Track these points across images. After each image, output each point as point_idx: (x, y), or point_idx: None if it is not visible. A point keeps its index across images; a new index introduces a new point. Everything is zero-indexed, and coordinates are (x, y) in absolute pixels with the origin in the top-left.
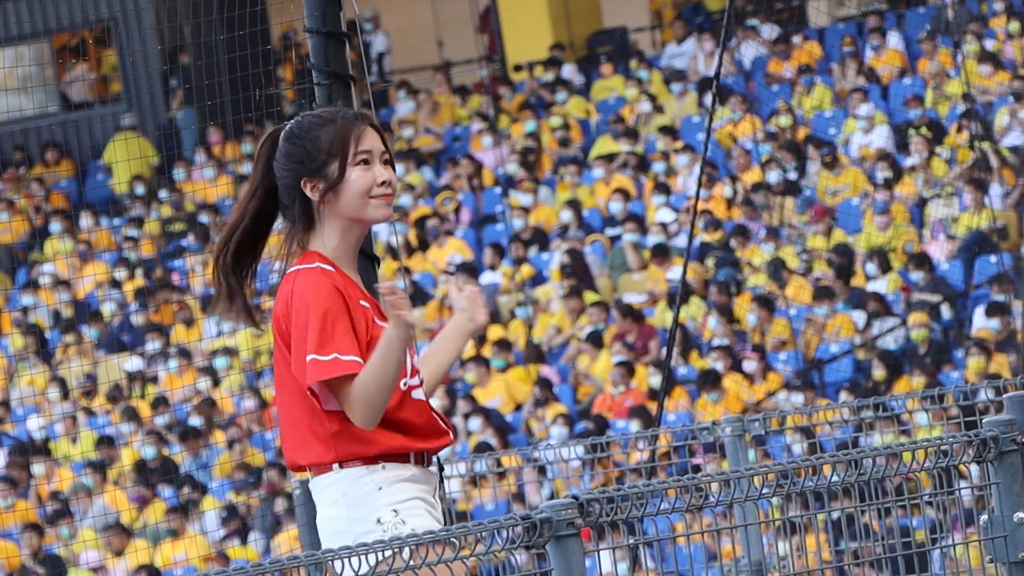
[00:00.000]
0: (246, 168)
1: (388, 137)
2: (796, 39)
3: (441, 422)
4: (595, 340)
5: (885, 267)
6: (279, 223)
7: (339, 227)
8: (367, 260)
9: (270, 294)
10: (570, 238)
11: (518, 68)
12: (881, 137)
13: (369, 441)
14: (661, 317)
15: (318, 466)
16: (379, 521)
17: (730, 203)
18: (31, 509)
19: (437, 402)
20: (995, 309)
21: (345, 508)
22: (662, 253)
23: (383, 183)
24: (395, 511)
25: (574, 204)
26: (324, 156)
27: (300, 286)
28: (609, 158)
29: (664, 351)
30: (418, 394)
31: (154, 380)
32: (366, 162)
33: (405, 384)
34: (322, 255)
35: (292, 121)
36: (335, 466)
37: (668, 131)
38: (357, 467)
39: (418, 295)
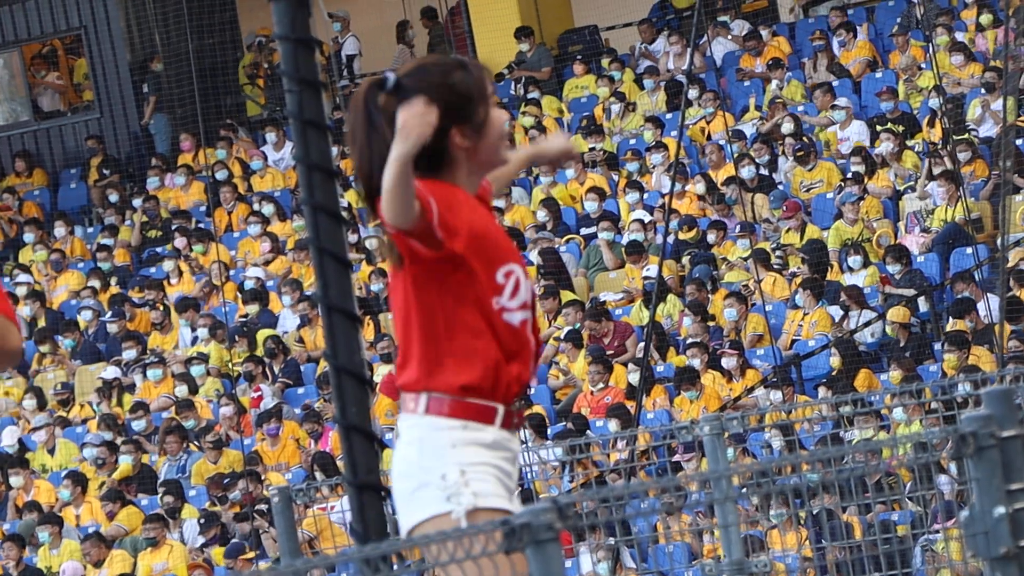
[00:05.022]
0: (219, 174)
1: None
2: (765, 34)
3: (532, 358)
4: (573, 340)
5: (867, 260)
6: None
7: (469, 169)
8: (342, 267)
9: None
10: (544, 238)
11: (499, 77)
12: (855, 131)
13: (458, 371)
14: (638, 315)
15: (410, 396)
16: (443, 477)
17: (703, 200)
18: None
19: None
20: (961, 308)
21: (417, 453)
22: (637, 251)
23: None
24: (463, 471)
25: (549, 204)
26: (474, 102)
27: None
28: (582, 157)
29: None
30: (509, 318)
31: (131, 388)
32: (496, 104)
33: (498, 304)
34: None
35: (399, 76)
36: (420, 410)
37: (648, 126)
38: (440, 418)
39: None
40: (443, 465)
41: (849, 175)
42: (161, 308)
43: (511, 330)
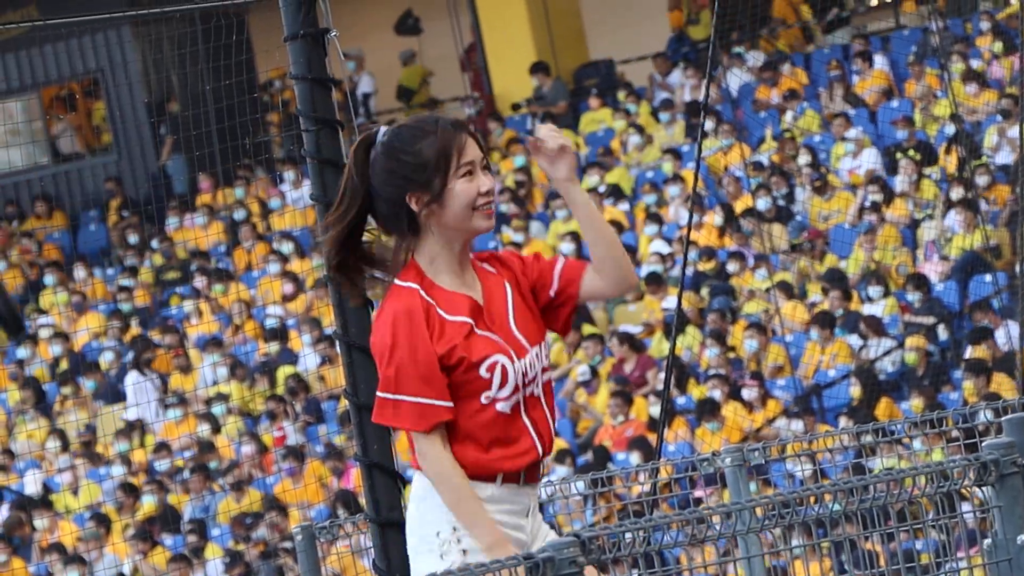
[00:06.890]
0: (237, 214)
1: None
2: (783, 65)
3: (534, 436)
4: (592, 373)
5: (887, 290)
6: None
7: (443, 237)
8: (361, 304)
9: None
10: None
11: (516, 107)
12: (870, 160)
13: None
14: (658, 347)
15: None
16: (437, 534)
17: (721, 231)
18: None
19: None
20: (977, 336)
21: (418, 511)
22: (656, 283)
23: (486, 192)
24: (454, 528)
25: (575, 236)
26: (430, 171)
27: (385, 307)
28: (599, 190)
29: (662, 380)
30: (503, 407)
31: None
32: (470, 172)
33: (488, 398)
34: (421, 269)
35: (385, 132)
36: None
37: (667, 157)
38: None
39: None
40: (438, 522)
41: (868, 204)
42: (179, 350)
43: (503, 418)
